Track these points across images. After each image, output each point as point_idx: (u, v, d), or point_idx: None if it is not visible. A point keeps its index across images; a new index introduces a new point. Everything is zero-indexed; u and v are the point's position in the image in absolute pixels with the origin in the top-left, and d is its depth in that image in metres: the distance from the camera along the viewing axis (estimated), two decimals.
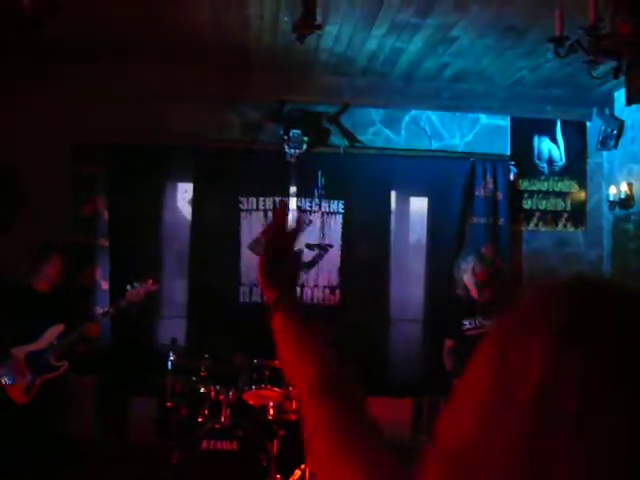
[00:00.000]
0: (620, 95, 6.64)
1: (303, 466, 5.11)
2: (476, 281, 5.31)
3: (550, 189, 7.12)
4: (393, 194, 7.07)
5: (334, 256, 6.87)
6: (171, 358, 5.29)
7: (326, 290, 6.84)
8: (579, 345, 0.68)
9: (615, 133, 6.79)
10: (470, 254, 5.62)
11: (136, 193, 6.69)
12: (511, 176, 7.01)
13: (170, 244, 6.87)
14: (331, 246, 6.87)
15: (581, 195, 7.16)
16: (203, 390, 5.21)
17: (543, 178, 7.12)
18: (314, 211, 6.87)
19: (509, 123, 7.14)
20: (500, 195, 6.95)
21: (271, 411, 5.20)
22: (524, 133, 7.13)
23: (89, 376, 6.49)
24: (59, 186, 6.55)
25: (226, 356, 5.67)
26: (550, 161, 7.13)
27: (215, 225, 6.78)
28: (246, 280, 6.77)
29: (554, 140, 7.14)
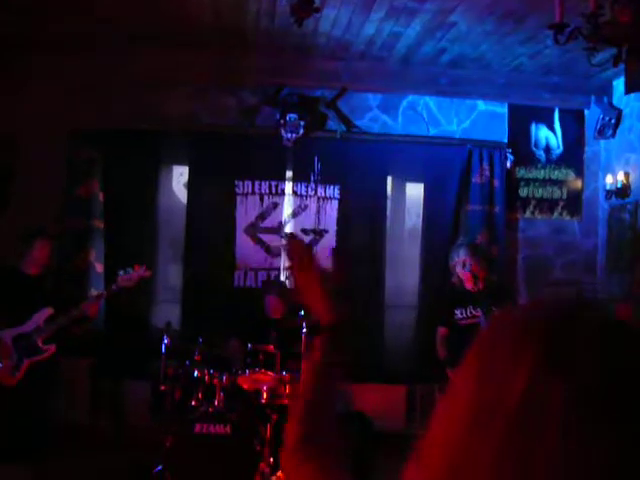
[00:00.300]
0: (619, 83, 6.63)
1: None
2: (472, 273, 5.29)
3: (547, 177, 7.11)
4: (389, 180, 7.05)
5: (329, 241, 6.86)
6: (165, 342, 5.28)
7: None
8: (560, 376, 0.68)
9: (613, 122, 6.77)
10: (462, 246, 5.60)
11: (132, 176, 6.66)
12: (508, 163, 6.99)
13: (165, 227, 6.86)
14: (326, 231, 6.86)
15: (577, 184, 7.16)
16: (197, 374, 5.20)
17: (540, 166, 7.11)
18: (310, 196, 6.85)
19: (507, 110, 7.12)
20: (496, 182, 6.94)
21: (264, 395, 5.20)
22: (522, 120, 7.11)
23: (83, 359, 6.49)
24: (55, 168, 6.53)
25: (220, 340, 5.67)
26: (547, 149, 7.11)
27: (210, 209, 6.76)
28: (241, 264, 6.76)
29: (552, 128, 7.13)
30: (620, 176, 6.55)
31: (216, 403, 5.08)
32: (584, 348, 0.70)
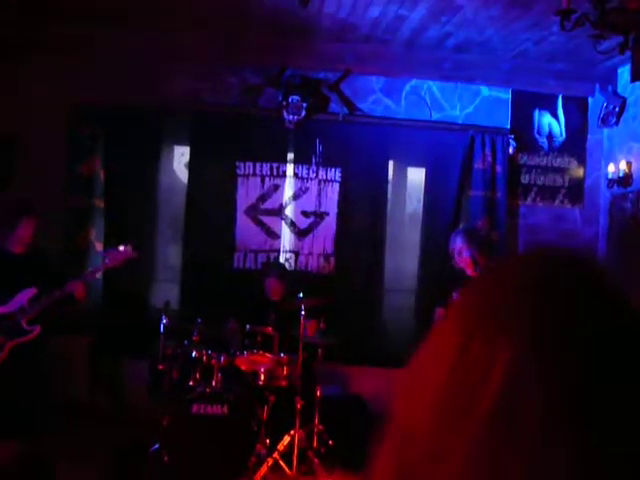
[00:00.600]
0: (624, 71, 6.59)
1: (293, 432, 5.14)
2: (472, 259, 5.27)
3: (549, 164, 7.09)
4: (391, 164, 7.03)
5: (330, 224, 6.85)
6: (164, 322, 5.28)
7: (320, 258, 6.83)
8: (545, 355, 0.64)
9: (617, 110, 6.74)
10: (459, 233, 5.58)
11: (133, 155, 6.64)
12: (510, 150, 6.97)
13: (165, 207, 6.84)
14: (327, 214, 6.85)
15: (579, 172, 7.14)
16: (195, 354, 5.21)
17: (542, 153, 7.09)
18: (311, 178, 6.84)
19: (510, 96, 7.09)
20: (498, 168, 6.92)
21: (262, 377, 5.21)
22: (525, 107, 7.08)
23: (82, 337, 6.50)
24: (57, 146, 6.51)
25: (219, 321, 5.68)
26: (550, 136, 7.09)
27: (211, 189, 6.75)
28: (241, 246, 6.75)
29: (555, 115, 7.10)
30: (622, 165, 6.53)
31: (214, 384, 5.10)
32: (571, 344, 0.65)
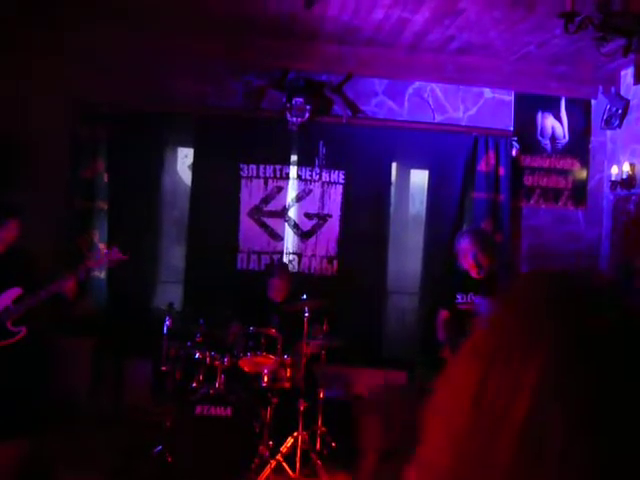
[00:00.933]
0: (627, 74, 6.60)
1: (296, 433, 5.15)
2: (476, 261, 5.28)
3: (552, 166, 7.09)
4: (394, 166, 7.04)
5: (333, 226, 6.86)
6: (167, 323, 5.30)
7: (324, 260, 6.84)
8: (564, 376, 0.66)
9: (620, 112, 6.74)
10: (466, 233, 5.59)
11: (136, 157, 6.66)
12: (513, 152, 6.97)
13: (169, 209, 6.86)
14: (330, 216, 6.86)
15: (583, 174, 7.14)
16: (198, 355, 5.22)
17: (545, 155, 7.09)
18: (314, 180, 6.85)
19: (513, 98, 7.09)
20: (502, 171, 6.92)
21: (265, 378, 5.22)
22: (528, 109, 7.08)
23: (85, 339, 6.51)
24: (60, 148, 6.53)
25: (222, 322, 5.69)
26: (553, 138, 7.09)
27: (215, 191, 6.76)
28: (244, 247, 6.77)
29: (558, 117, 7.10)
30: (626, 167, 6.53)
31: (217, 385, 5.11)
32: (589, 375, 0.66)
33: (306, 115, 6.68)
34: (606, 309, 0.70)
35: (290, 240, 6.90)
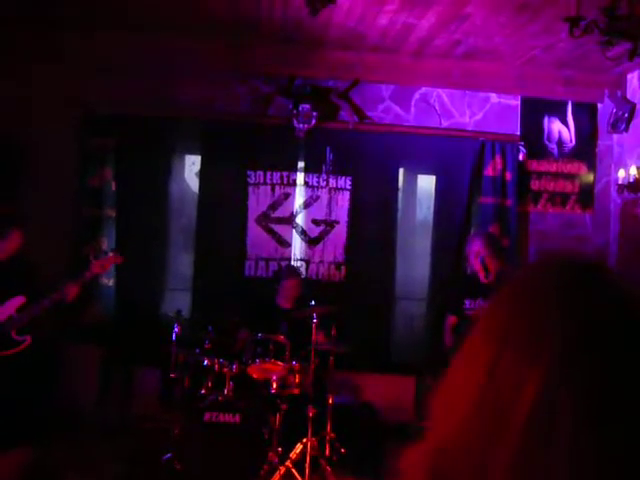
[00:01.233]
0: (633, 77, 6.59)
1: (305, 440, 5.14)
2: (483, 265, 5.28)
3: (559, 171, 7.08)
4: (401, 171, 7.04)
5: (340, 232, 6.86)
6: (175, 330, 5.30)
7: (331, 266, 6.84)
8: (574, 363, 0.67)
9: (626, 116, 6.73)
10: (478, 236, 5.60)
11: (144, 165, 6.68)
12: (520, 156, 6.97)
13: (177, 216, 6.87)
14: (337, 222, 6.86)
15: (590, 177, 7.13)
16: (207, 362, 5.22)
17: (552, 159, 7.08)
18: (321, 187, 6.85)
19: (520, 103, 7.09)
20: (509, 175, 6.91)
21: (274, 385, 5.21)
22: (534, 113, 7.08)
23: (94, 346, 6.53)
24: (67, 157, 6.55)
25: (230, 329, 5.69)
26: (560, 142, 7.09)
27: (222, 198, 6.77)
28: (252, 254, 6.77)
29: (564, 121, 7.10)
30: (633, 170, 6.51)
31: (225, 392, 5.11)
32: (598, 359, 0.67)
33: (313, 121, 6.69)
34: (611, 299, 0.71)
35: (298, 246, 6.91)
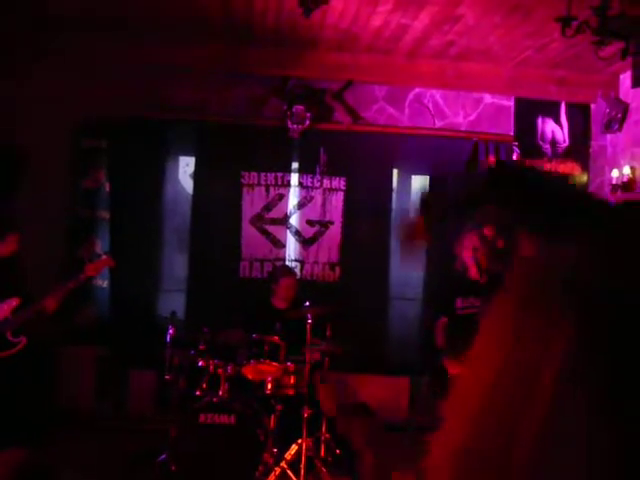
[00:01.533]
0: (626, 77, 6.61)
1: (300, 440, 5.14)
2: (476, 261, 5.25)
3: (552, 171, 7.09)
4: (395, 172, 7.05)
5: (335, 233, 6.87)
6: (170, 331, 5.29)
7: (326, 267, 6.85)
8: (596, 353, 0.67)
9: (620, 116, 6.75)
10: (474, 231, 5.57)
11: (138, 166, 6.67)
12: (514, 157, 6.98)
13: (171, 217, 6.87)
14: (332, 223, 6.87)
15: (583, 178, 7.14)
16: (202, 364, 5.22)
17: (546, 159, 7.10)
18: (316, 187, 6.86)
19: (513, 103, 7.10)
20: None
21: (269, 386, 5.22)
22: (528, 114, 7.09)
23: (89, 348, 6.52)
24: (61, 158, 6.54)
25: (225, 330, 5.68)
26: (553, 143, 7.10)
27: (216, 199, 6.76)
28: (246, 255, 6.77)
29: (558, 122, 7.11)
30: (626, 170, 6.53)
31: (221, 393, 5.10)
32: (605, 362, 0.68)
33: (307, 122, 6.69)
34: (618, 295, 0.72)
35: (292, 247, 6.91)
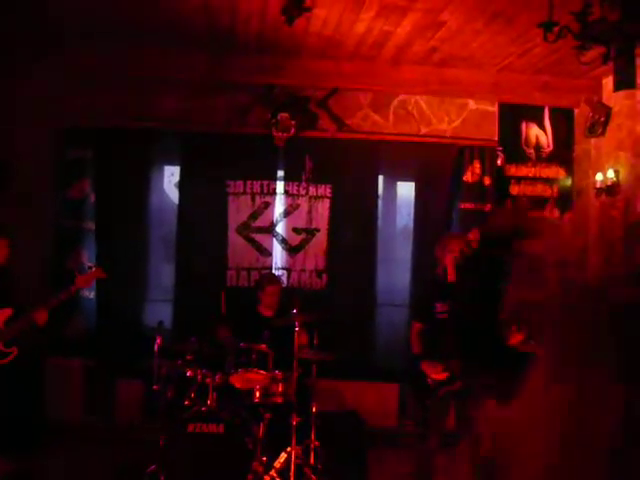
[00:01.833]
0: (608, 82, 6.65)
1: (289, 448, 5.13)
2: (456, 263, 5.22)
3: (537, 175, 7.13)
4: (380, 178, 7.06)
5: (321, 240, 6.87)
6: (157, 341, 5.27)
7: (313, 274, 6.84)
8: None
9: (603, 120, 6.79)
10: (458, 236, 5.57)
11: (123, 176, 6.65)
12: (499, 162, 7.02)
13: (157, 227, 6.85)
14: (318, 230, 6.87)
15: (568, 181, 7.18)
16: (189, 373, 5.19)
17: (530, 164, 7.14)
18: (301, 195, 6.86)
19: (497, 109, 7.13)
20: (487, 180, 6.96)
21: (257, 394, 5.20)
22: (512, 119, 7.13)
23: (76, 359, 6.48)
24: (46, 169, 6.52)
25: (212, 339, 5.66)
26: (538, 147, 7.14)
27: (202, 208, 6.75)
28: (233, 264, 6.76)
29: (542, 126, 7.15)
30: (610, 174, 6.57)
31: (209, 402, 5.08)
32: None
33: (292, 130, 6.69)
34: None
35: (279, 255, 6.90)
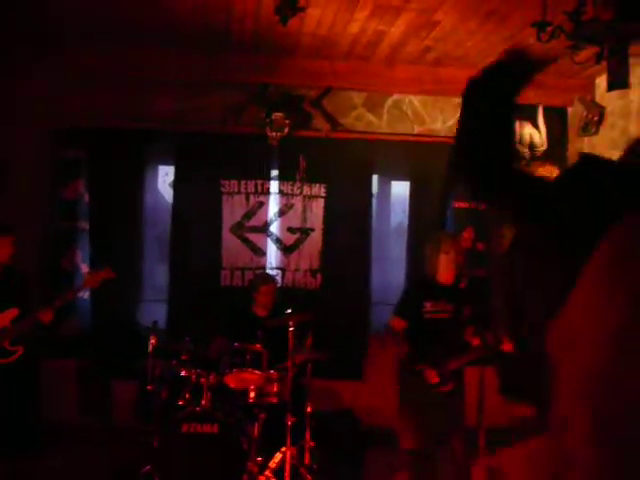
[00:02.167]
0: (602, 81, 6.66)
1: (284, 449, 5.13)
2: (457, 264, 5.17)
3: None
4: (375, 178, 7.07)
5: (315, 240, 6.87)
6: (152, 341, 5.26)
7: (307, 273, 6.84)
8: None
9: (596, 119, 6.81)
10: (450, 236, 5.55)
11: (117, 176, 6.64)
12: None
13: (151, 227, 6.84)
14: (312, 230, 6.87)
15: None
16: (184, 373, 5.19)
17: (524, 163, 7.14)
18: (296, 194, 6.86)
19: None
20: None
21: (252, 394, 5.20)
22: None
23: (71, 359, 6.47)
24: (40, 169, 6.50)
25: (206, 339, 5.66)
26: (531, 146, 7.14)
27: (196, 208, 6.74)
28: (227, 263, 6.76)
29: (535, 125, 7.15)
30: None
31: (203, 402, 5.08)
32: None
33: (286, 129, 6.69)
34: None
35: (273, 255, 6.90)
